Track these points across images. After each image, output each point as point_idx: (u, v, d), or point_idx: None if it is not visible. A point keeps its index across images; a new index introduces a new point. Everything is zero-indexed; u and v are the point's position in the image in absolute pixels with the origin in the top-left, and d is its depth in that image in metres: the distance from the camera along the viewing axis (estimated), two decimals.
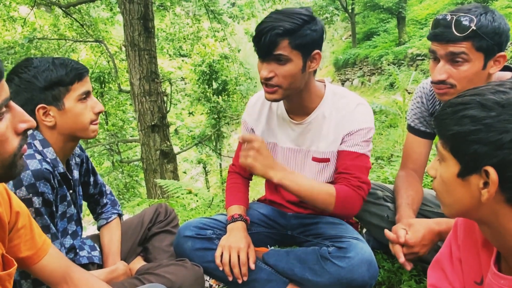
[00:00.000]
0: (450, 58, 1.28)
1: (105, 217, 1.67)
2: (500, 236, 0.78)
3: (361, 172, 1.48)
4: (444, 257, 0.99)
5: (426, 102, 1.61)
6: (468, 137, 0.71)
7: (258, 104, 1.69)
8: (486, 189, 0.72)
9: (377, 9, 17.58)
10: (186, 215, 2.98)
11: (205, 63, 12.74)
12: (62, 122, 1.32)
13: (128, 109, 11.91)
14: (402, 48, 15.12)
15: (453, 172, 0.76)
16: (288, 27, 1.31)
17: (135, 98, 5.42)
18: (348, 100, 1.54)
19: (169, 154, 5.61)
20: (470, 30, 1.22)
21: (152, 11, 5.30)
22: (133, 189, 12.13)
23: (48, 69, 1.28)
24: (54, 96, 1.29)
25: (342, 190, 1.42)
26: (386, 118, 6.00)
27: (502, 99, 0.69)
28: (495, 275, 0.81)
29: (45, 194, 1.23)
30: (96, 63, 11.05)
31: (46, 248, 1.07)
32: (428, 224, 1.33)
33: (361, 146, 1.50)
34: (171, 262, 1.50)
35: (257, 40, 1.36)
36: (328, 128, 1.54)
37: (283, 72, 1.37)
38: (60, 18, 10.10)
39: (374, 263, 1.38)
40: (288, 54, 1.34)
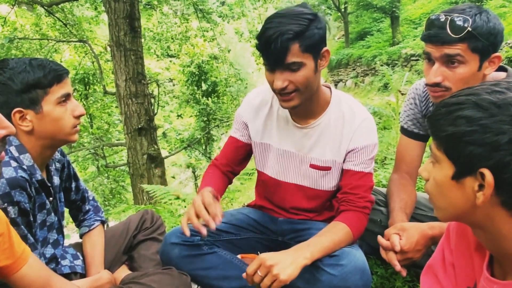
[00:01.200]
0: (445, 60, 1.29)
1: (87, 225, 1.66)
2: (494, 240, 0.78)
3: (366, 192, 1.50)
4: (437, 262, 1.00)
5: (420, 104, 1.63)
6: (463, 138, 0.71)
7: (258, 100, 1.66)
8: (481, 191, 0.72)
9: (370, 8, 17.71)
10: (174, 221, 2.96)
11: (194, 63, 12.71)
12: (40, 127, 1.29)
13: (114, 111, 11.83)
14: (396, 48, 15.25)
15: (448, 174, 0.76)
16: (297, 30, 1.28)
17: (121, 100, 5.39)
18: (355, 113, 1.53)
19: (157, 158, 5.58)
20: (466, 31, 1.23)
21: (138, 10, 5.28)
22: (119, 195, 12.03)
23: (25, 71, 1.25)
24: (31, 99, 1.26)
25: (352, 220, 1.46)
26: (379, 120, 6.03)
27: (498, 99, 0.69)
28: (487, 279, 0.82)
29: (21, 204, 1.20)
30: (80, 64, 10.97)
31: (26, 258, 1.06)
32: (422, 228, 1.34)
33: (366, 164, 1.52)
34: (157, 270, 1.49)
35: (265, 49, 1.32)
36: (332, 137, 1.54)
37: (299, 79, 1.35)
38: (42, 17, 10.01)
39: (367, 271, 1.38)
40: (301, 59, 1.32)
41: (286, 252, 1.32)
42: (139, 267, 1.66)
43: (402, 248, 1.32)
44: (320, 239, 1.39)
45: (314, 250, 1.33)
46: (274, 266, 1.24)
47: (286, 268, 1.24)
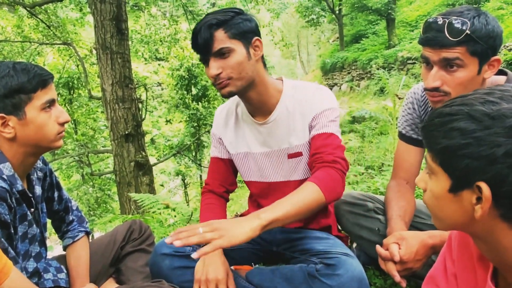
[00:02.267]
0: (444, 64, 1.30)
1: (71, 236, 1.64)
2: (495, 252, 0.78)
3: (334, 149, 1.48)
4: (439, 273, 0.99)
5: (418, 109, 1.63)
6: (458, 152, 0.71)
7: (224, 113, 1.74)
8: (479, 204, 0.72)
9: (365, 10, 17.88)
10: (163, 231, 2.94)
11: (183, 67, 12.70)
12: (23, 134, 1.28)
13: (100, 117, 11.78)
14: (392, 51, 15.39)
15: (444, 187, 0.76)
16: (221, 18, 1.41)
17: (107, 105, 5.36)
18: (306, 89, 1.60)
19: (145, 165, 5.55)
20: (464, 34, 1.23)
21: (125, 12, 5.27)
22: (105, 204, 11.95)
23: (8, 75, 1.24)
24: (14, 105, 1.25)
25: (320, 177, 1.39)
26: (376, 125, 6.09)
27: (492, 111, 0.68)
28: None
29: (1, 215, 1.19)
30: (64, 68, 10.92)
31: (7, 272, 1.04)
32: (421, 237, 1.34)
33: (329, 126, 1.53)
34: (146, 284, 1.47)
35: (195, 40, 1.44)
36: (294, 121, 1.58)
37: (230, 64, 1.43)
38: (24, 19, 9.97)
39: (365, 281, 1.39)
40: (228, 45, 1.42)
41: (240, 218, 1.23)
42: (127, 280, 1.65)
43: (402, 258, 1.32)
44: (283, 199, 1.31)
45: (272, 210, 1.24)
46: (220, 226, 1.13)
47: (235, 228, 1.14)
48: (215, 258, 1.48)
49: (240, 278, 1.58)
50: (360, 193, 1.72)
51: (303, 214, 1.33)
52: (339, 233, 1.76)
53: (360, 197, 1.67)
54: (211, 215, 1.64)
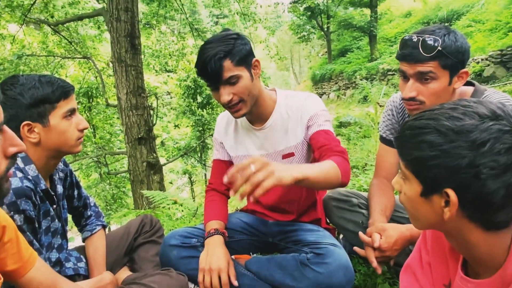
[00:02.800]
0: (419, 76, 1.31)
1: (89, 229, 1.63)
2: (464, 247, 0.79)
3: (336, 142, 1.49)
4: (415, 262, 1.00)
5: (396, 115, 1.64)
6: (428, 162, 0.71)
7: (224, 121, 1.74)
8: (447, 208, 0.72)
9: (350, 27, 17.94)
10: (172, 225, 2.93)
11: (190, 78, 12.68)
12: (46, 139, 1.28)
13: (116, 122, 11.73)
14: (374, 64, 15.45)
15: (416, 191, 0.76)
16: (225, 49, 1.37)
17: (122, 112, 5.35)
18: (297, 96, 1.61)
19: (155, 165, 5.54)
20: (436, 51, 1.25)
21: (138, 29, 5.26)
22: (120, 200, 11.89)
23: (34, 87, 1.24)
24: (39, 113, 1.25)
25: (337, 159, 1.36)
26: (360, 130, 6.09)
27: (456, 126, 0.68)
28: (462, 279, 0.82)
29: (26, 212, 1.18)
30: (84, 79, 10.88)
31: (33, 261, 1.04)
32: (400, 230, 1.34)
33: (325, 125, 1.54)
34: (157, 271, 1.47)
35: (203, 71, 1.40)
36: (288, 125, 1.58)
37: (239, 90, 1.42)
38: (49, 36, 9.92)
39: (350, 268, 1.39)
40: (236, 72, 1.39)
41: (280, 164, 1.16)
42: (140, 268, 1.65)
43: (381, 246, 1.32)
44: (310, 165, 1.26)
45: (305, 169, 1.19)
46: (270, 164, 1.08)
47: (280, 170, 1.08)
48: (218, 249, 1.48)
49: (240, 266, 1.57)
50: (346, 190, 1.72)
51: (325, 183, 1.29)
52: (328, 225, 1.76)
53: (346, 193, 1.67)
54: (214, 210, 1.65)
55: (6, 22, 9.06)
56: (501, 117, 0.67)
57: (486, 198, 0.67)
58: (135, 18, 5.13)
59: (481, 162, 0.66)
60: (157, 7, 10.43)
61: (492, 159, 0.65)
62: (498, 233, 0.74)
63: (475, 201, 0.69)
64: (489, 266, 0.77)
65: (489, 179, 0.66)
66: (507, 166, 0.65)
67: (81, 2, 9.68)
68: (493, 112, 0.68)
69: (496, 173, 0.65)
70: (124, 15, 5.01)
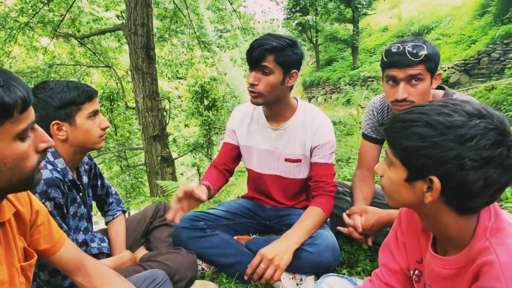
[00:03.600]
0: (409, 79, 1.28)
1: (111, 214, 1.63)
2: (436, 227, 0.78)
3: (331, 179, 1.52)
4: (391, 241, 0.99)
5: (377, 115, 1.63)
6: (417, 152, 0.69)
7: (241, 113, 1.69)
8: (429, 193, 0.71)
9: (335, 40, 17.85)
10: None
11: (197, 84, 12.65)
12: (73, 136, 1.27)
13: (134, 122, 11.71)
14: (356, 72, 15.39)
15: (401, 176, 0.75)
16: (274, 45, 1.34)
17: (139, 113, 5.33)
18: (316, 116, 1.56)
19: (168, 159, 5.52)
20: (424, 55, 1.23)
21: (153, 42, 5.23)
22: (138, 189, 11.88)
23: (62, 91, 1.23)
24: (67, 114, 1.24)
25: (323, 203, 1.48)
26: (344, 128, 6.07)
27: (447, 121, 0.67)
28: (432, 255, 0.82)
29: (56, 199, 1.18)
30: (106, 85, 10.84)
31: (63, 242, 1.03)
32: (380, 215, 1.34)
33: (328, 157, 1.53)
34: (169, 250, 1.46)
35: (249, 52, 1.38)
36: (299, 136, 1.55)
37: (265, 82, 1.39)
38: (76, 47, 9.86)
39: (337, 248, 1.38)
40: (272, 67, 1.37)
41: (279, 242, 1.34)
42: (155, 247, 1.64)
43: (361, 226, 1.34)
44: (303, 224, 1.40)
45: (300, 235, 1.36)
46: (274, 258, 1.27)
47: (283, 257, 1.26)
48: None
49: (241, 246, 1.57)
50: None
51: (315, 230, 1.43)
52: None
53: None
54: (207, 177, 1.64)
55: (39, 35, 8.99)
56: (486, 116, 0.66)
57: (466, 186, 0.66)
58: (150, 32, 5.10)
59: (467, 155, 0.64)
60: (169, 22, 10.37)
61: (476, 152, 0.64)
62: (468, 217, 0.73)
63: (456, 189, 0.67)
64: (457, 244, 0.76)
65: (471, 170, 0.65)
66: (488, 159, 0.64)
67: (103, 18, 9.63)
68: (479, 111, 0.67)
69: (478, 165, 0.64)
70: (140, 30, 4.97)
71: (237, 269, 1.50)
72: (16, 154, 0.69)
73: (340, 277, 1.16)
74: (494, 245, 0.67)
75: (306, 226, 1.39)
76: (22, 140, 0.70)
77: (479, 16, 12.49)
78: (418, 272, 0.90)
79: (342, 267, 1.57)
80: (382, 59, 1.33)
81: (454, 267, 0.75)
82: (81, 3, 8.92)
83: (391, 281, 0.97)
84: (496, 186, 0.66)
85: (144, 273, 1.22)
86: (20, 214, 0.87)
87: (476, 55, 10.24)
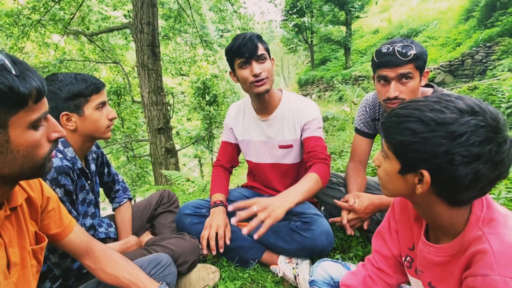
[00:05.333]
0: (399, 78, 1.26)
1: (118, 201, 1.61)
2: (429, 215, 0.77)
3: (323, 149, 1.49)
4: (384, 229, 0.98)
5: (369, 111, 1.61)
6: (409, 147, 0.67)
7: (235, 110, 1.70)
8: (420, 185, 0.69)
9: (329, 41, 17.74)
10: (185, 198, 2.91)
11: (199, 80, 12.58)
12: (82, 127, 1.24)
13: (140, 115, 11.65)
14: (348, 71, 15.34)
15: (395, 168, 0.73)
16: (257, 35, 1.39)
17: (145, 107, 5.28)
18: (300, 101, 1.56)
19: (172, 150, 5.49)
20: (413, 55, 1.21)
21: (158, 40, 5.16)
22: (144, 178, 11.88)
23: (71, 83, 1.19)
24: (75, 105, 1.21)
25: (319, 169, 1.40)
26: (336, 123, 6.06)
27: (438, 118, 0.65)
28: (425, 243, 0.80)
29: (66, 186, 1.16)
30: (114, 80, 10.75)
31: (72, 227, 1.01)
32: (372, 198, 1.34)
33: (317, 131, 1.51)
34: (173, 235, 1.45)
35: (242, 46, 1.35)
36: (288, 123, 1.55)
37: (267, 67, 1.40)
38: (85, 44, 9.74)
39: (331, 234, 1.37)
40: (264, 52, 1.39)
41: (275, 198, 1.26)
42: (159, 232, 1.62)
43: (355, 208, 1.32)
44: (298, 185, 1.34)
45: (295, 195, 1.27)
46: (268, 206, 1.19)
47: (276, 209, 1.19)
48: (219, 215, 1.46)
49: (241, 231, 1.56)
50: None
51: (310, 196, 1.35)
52: (312, 199, 1.74)
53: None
54: (219, 184, 1.64)
55: (50, 32, 8.84)
56: (478, 113, 0.63)
57: (455, 180, 0.64)
58: (155, 31, 5.03)
59: (456, 151, 0.62)
60: (173, 22, 10.26)
61: (466, 149, 0.62)
62: (460, 207, 0.71)
63: (445, 182, 0.66)
64: (449, 233, 0.75)
65: (461, 165, 0.63)
66: (478, 155, 0.62)
67: (111, 17, 9.49)
68: (472, 108, 0.64)
69: (468, 161, 0.62)
70: (146, 28, 4.90)
71: (237, 254, 1.49)
72: (29, 142, 0.67)
73: (334, 262, 1.15)
74: (487, 234, 0.65)
75: (301, 188, 1.31)
76: (35, 129, 0.69)
77: (464, 21, 12.44)
78: (410, 259, 0.89)
79: (335, 252, 1.56)
80: (373, 60, 1.30)
81: (446, 254, 0.74)
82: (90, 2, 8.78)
83: (383, 266, 0.96)
84: (486, 180, 0.64)
85: (149, 257, 1.20)
86: (31, 199, 0.85)
87: (461, 57, 10.22)
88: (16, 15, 7.41)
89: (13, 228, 0.78)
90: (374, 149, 2.68)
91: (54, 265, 1.16)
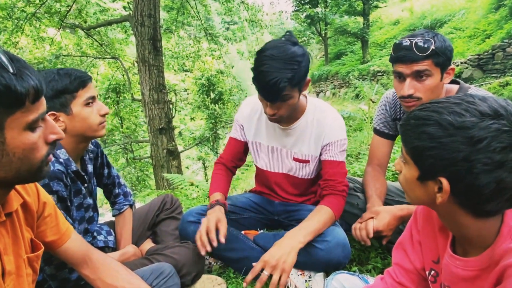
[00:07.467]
0: (415, 75, 1.25)
1: (118, 208, 1.62)
2: (454, 226, 0.75)
3: (342, 177, 1.47)
4: (406, 240, 0.97)
5: (389, 110, 1.60)
6: (426, 152, 0.67)
7: (250, 107, 1.64)
8: (440, 193, 0.68)
9: (345, 33, 17.66)
10: (189, 203, 2.93)
11: (204, 77, 12.65)
12: (71, 126, 1.23)
13: (140, 115, 11.77)
14: (366, 66, 15.22)
15: (414, 175, 0.73)
16: (290, 76, 1.23)
17: (145, 105, 5.33)
18: (327, 114, 1.51)
19: (174, 152, 5.54)
20: (430, 50, 1.20)
21: (160, 33, 5.21)
22: (144, 182, 11.99)
23: (53, 80, 1.18)
24: (61, 103, 1.20)
25: (333, 203, 1.42)
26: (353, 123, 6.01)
27: (457, 122, 0.63)
28: (451, 256, 0.79)
29: (59, 192, 1.16)
30: (113, 76, 10.90)
31: (69, 234, 1.03)
32: (392, 211, 1.32)
33: (339, 155, 1.49)
34: (176, 244, 1.46)
35: (263, 88, 1.28)
36: (309, 135, 1.52)
37: (286, 107, 1.34)
38: (82, 39, 9.90)
39: (347, 245, 1.36)
40: (290, 93, 1.30)
41: (282, 242, 1.28)
42: (161, 240, 1.64)
43: (377, 228, 1.30)
44: (309, 223, 1.35)
45: (305, 234, 1.30)
46: (277, 263, 1.21)
47: (287, 259, 1.21)
48: (214, 213, 1.41)
49: (249, 241, 1.56)
50: None
51: (322, 230, 1.37)
52: None
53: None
54: (218, 183, 1.61)
55: (46, 26, 9.02)
56: (502, 117, 0.62)
57: (477, 190, 0.63)
58: (157, 24, 5.08)
59: (476, 157, 0.61)
60: (176, 14, 10.35)
61: (487, 156, 0.61)
62: (487, 219, 0.70)
63: (466, 192, 0.65)
64: (478, 245, 0.73)
65: (482, 173, 0.61)
66: (500, 163, 0.61)
67: (110, 9, 9.62)
68: (496, 111, 0.63)
69: (489, 168, 0.61)
70: (147, 21, 4.96)
71: (245, 264, 1.49)
72: (25, 144, 0.68)
73: (351, 275, 1.15)
74: None
75: (312, 225, 1.33)
76: (33, 131, 0.69)
77: (494, 10, 12.23)
78: (434, 273, 0.87)
79: (352, 264, 1.55)
80: (391, 54, 1.31)
81: (475, 268, 0.73)
82: None
83: (404, 280, 0.95)
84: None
85: (150, 267, 1.21)
86: (27, 205, 0.86)
87: (491, 49, 10.04)
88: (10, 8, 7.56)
89: (8, 235, 0.79)
90: (395, 151, 2.65)
91: (50, 277, 1.17)
